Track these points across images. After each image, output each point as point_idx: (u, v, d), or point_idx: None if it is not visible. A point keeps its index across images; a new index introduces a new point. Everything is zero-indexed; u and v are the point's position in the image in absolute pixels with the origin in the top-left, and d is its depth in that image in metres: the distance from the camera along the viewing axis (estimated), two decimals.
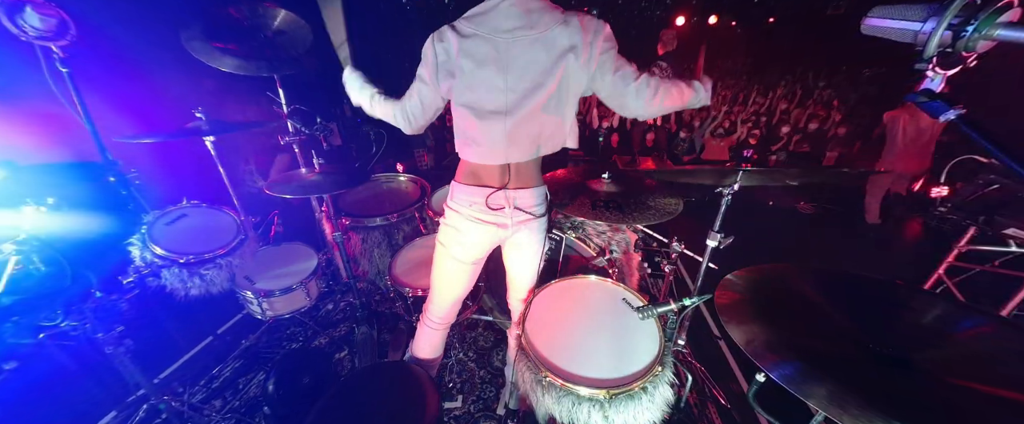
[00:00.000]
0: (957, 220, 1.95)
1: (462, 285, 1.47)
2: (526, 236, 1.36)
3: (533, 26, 1.08)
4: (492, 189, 1.25)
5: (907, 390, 0.75)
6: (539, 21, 1.08)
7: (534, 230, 1.36)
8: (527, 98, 1.13)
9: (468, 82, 1.14)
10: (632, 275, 1.96)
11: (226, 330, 2.37)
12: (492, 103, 1.15)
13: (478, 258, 1.40)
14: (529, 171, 1.29)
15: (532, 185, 1.30)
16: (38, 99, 1.55)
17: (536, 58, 1.10)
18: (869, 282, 1.03)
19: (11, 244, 1.23)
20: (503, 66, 1.11)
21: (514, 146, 1.19)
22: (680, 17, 5.36)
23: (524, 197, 1.29)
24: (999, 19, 0.52)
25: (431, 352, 1.60)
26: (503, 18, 1.09)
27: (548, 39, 1.09)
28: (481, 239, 1.33)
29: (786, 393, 0.74)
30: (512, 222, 1.30)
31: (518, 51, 1.09)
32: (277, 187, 1.66)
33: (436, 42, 1.14)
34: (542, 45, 1.09)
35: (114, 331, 1.39)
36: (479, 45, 1.11)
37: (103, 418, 1.78)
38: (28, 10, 1.28)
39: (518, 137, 1.18)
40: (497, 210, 1.28)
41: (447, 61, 1.15)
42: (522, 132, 1.17)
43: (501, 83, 1.12)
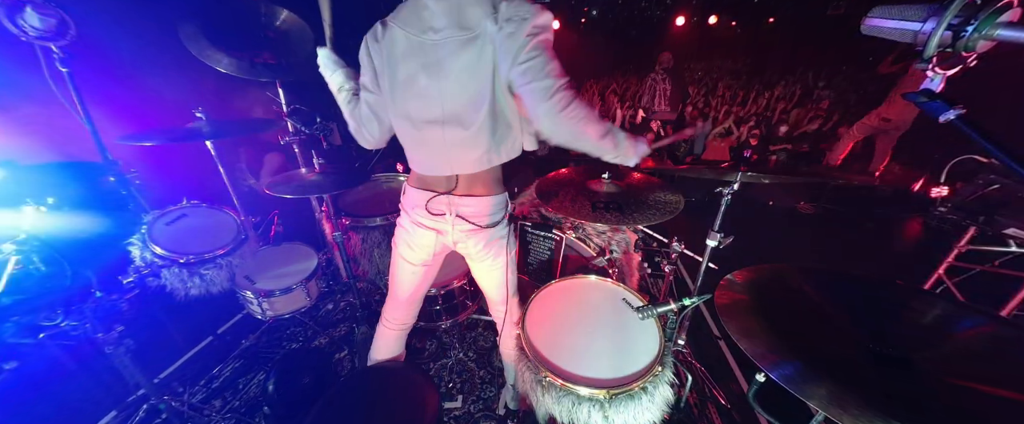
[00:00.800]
0: (957, 220, 1.95)
1: (411, 286, 1.43)
2: (475, 247, 1.28)
3: (463, 26, 0.96)
4: (434, 194, 1.20)
5: (907, 390, 0.75)
6: (469, 18, 0.96)
7: (483, 241, 1.27)
8: (466, 106, 1.03)
9: (401, 89, 1.06)
10: (632, 275, 1.96)
11: (226, 330, 2.37)
12: (427, 112, 1.06)
13: (425, 260, 1.36)
14: (482, 179, 1.20)
15: (482, 193, 1.21)
16: (38, 99, 1.56)
17: (469, 62, 0.99)
18: (869, 282, 1.03)
19: (11, 244, 1.23)
20: (435, 72, 1.01)
21: (457, 158, 1.12)
22: (680, 17, 5.37)
23: (469, 205, 1.21)
24: (999, 19, 0.52)
25: (387, 353, 1.56)
26: (431, 16, 0.98)
27: (480, 39, 0.96)
28: (424, 242, 1.30)
29: (786, 393, 0.74)
30: (453, 230, 1.25)
31: (446, 54, 0.99)
32: (277, 187, 1.66)
33: (370, 42, 1.06)
34: (475, 47, 0.97)
35: (114, 331, 1.39)
36: (408, 47, 1.01)
37: (103, 418, 1.78)
38: (28, 10, 1.28)
39: (459, 148, 1.09)
40: (437, 216, 1.23)
41: (382, 64, 1.06)
42: (464, 142, 1.08)
43: (435, 91, 1.03)
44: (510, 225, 1.36)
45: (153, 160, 2.21)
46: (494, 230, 1.27)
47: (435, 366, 2.10)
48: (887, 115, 3.89)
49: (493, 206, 1.24)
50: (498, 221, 1.27)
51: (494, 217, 1.26)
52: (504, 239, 1.32)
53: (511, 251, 1.36)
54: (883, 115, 3.91)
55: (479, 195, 1.21)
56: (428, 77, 1.02)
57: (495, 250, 1.31)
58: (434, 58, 1.00)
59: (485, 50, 0.97)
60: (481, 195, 1.21)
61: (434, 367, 2.10)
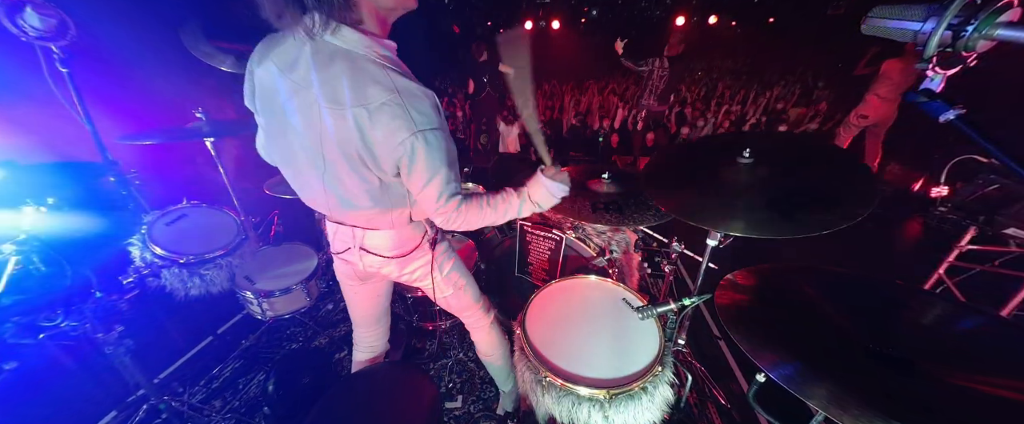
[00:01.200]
0: (957, 220, 1.95)
1: (359, 305, 1.39)
2: (393, 273, 1.22)
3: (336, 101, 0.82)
4: (338, 225, 1.12)
5: (907, 390, 0.75)
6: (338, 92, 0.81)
7: (398, 269, 1.19)
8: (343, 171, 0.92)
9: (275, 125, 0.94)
10: (632, 275, 1.96)
11: (226, 330, 2.37)
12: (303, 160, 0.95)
13: (350, 283, 1.32)
14: None
15: (388, 227, 1.10)
16: (38, 99, 1.55)
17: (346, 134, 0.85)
18: (869, 282, 1.03)
19: (11, 244, 1.23)
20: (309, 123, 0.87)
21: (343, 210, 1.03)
22: (680, 17, 5.37)
23: (373, 238, 1.12)
24: (999, 19, 0.52)
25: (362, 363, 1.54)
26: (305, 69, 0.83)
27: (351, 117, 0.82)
28: (345, 269, 1.26)
29: (786, 393, 0.74)
30: (362, 262, 1.17)
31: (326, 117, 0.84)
32: (277, 187, 1.66)
33: (253, 63, 0.91)
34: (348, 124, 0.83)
35: (114, 331, 1.39)
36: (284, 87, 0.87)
37: (103, 418, 1.78)
38: (28, 10, 1.28)
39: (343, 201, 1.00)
40: (343, 251, 1.17)
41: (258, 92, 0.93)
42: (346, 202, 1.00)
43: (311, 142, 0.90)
44: (439, 246, 1.25)
45: (153, 160, 2.21)
46: (409, 258, 1.18)
47: (435, 366, 2.10)
48: (864, 113, 4.04)
49: (403, 237, 1.14)
50: (412, 249, 1.17)
51: (406, 247, 1.16)
52: (431, 262, 1.22)
53: (448, 266, 1.29)
54: (860, 113, 4.08)
55: (384, 228, 1.11)
56: (305, 125, 0.88)
57: (421, 273, 1.24)
58: (310, 111, 0.86)
59: (355, 137, 0.84)
60: (386, 227, 1.11)
61: (434, 367, 2.10)
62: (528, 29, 8.30)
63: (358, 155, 0.87)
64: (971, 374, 0.76)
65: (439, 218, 1.01)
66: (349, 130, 0.83)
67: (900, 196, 3.98)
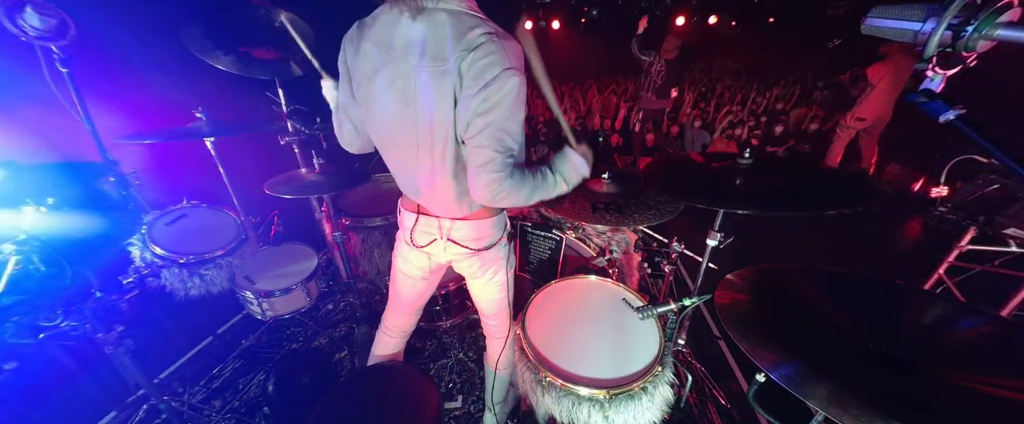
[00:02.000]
0: (957, 220, 1.95)
1: (410, 297, 1.41)
2: (470, 268, 1.24)
3: (438, 57, 0.85)
4: (421, 216, 1.13)
5: (907, 390, 0.75)
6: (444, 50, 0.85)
7: (479, 262, 1.22)
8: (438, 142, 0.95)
9: (375, 108, 0.96)
10: (632, 275, 1.96)
11: (226, 330, 2.37)
12: (402, 138, 0.97)
13: (421, 276, 1.33)
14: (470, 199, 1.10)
15: (475, 216, 1.13)
16: (38, 99, 1.55)
17: (443, 95, 0.88)
18: (869, 282, 1.03)
19: (11, 244, 1.22)
20: (408, 99, 0.91)
21: (431, 193, 1.05)
22: (680, 17, 5.36)
23: (461, 228, 1.13)
24: (999, 19, 0.52)
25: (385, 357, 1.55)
26: (405, 40, 0.87)
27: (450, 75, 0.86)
28: (419, 262, 1.26)
29: (786, 393, 0.74)
30: (445, 253, 1.19)
31: (420, 83, 0.88)
32: (277, 187, 1.66)
33: (347, 48, 0.96)
34: (447, 81, 0.86)
35: (114, 331, 1.39)
36: (381, 66, 0.91)
37: (103, 418, 1.78)
38: (28, 10, 1.28)
39: (432, 184, 1.02)
40: (425, 244, 1.18)
41: (357, 76, 0.96)
42: (436, 180, 1.02)
43: (409, 118, 0.93)
44: (510, 244, 1.29)
45: (153, 160, 2.21)
46: (490, 252, 1.21)
47: (435, 366, 2.10)
48: (861, 115, 4.07)
49: (488, 228, 1.16)
50: (495, 243, 1.20)
51: (491, 239, 1.19)
52: (504, 259, 1.26)
53: (510, 269, 1.31)
54: (857, 115, 4.12)
55: (471, 218, 1.13)
56: (402, 102, 0.92)
57: (493, 269, 1.26)
58: (407, 84, 0.90)
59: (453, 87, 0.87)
60: (473, 218, 1.13)
61: (434, 367, 2.10)
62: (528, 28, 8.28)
63: (451, 119, 0.89)
64: (971, 374, 0.76)
65: (482, 183, 0.91)
66: (448, 87, 0.86)
67: (900, 196, 3.98)
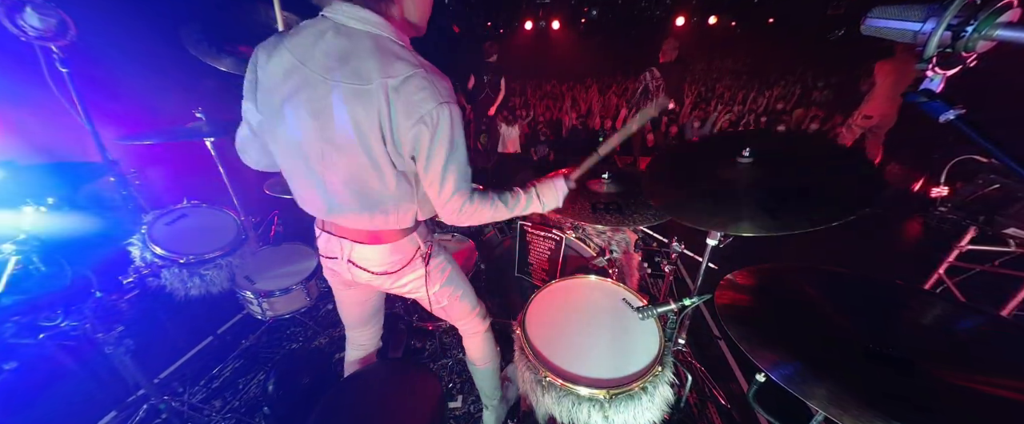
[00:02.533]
0: (957, 220, 1.95)
1: (348, 308, 1.37)
2: (385, 286, 1.18)
3: (359, 74, 0.82)
4: (324, 233, 1.09)
5: (907, 390, 0.75)
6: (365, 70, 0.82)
7: (390, 284, 1.15)
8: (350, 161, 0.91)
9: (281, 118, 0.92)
10: (632, 275, 1.96)
11: (226, 330, 2.37)
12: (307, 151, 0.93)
13: (344, 290, 1.29)
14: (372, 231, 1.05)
15: (376, 240, 1.06)
16: (38, 99, 1.55)
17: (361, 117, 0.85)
18: (869, 282, 1.03)
19: (11, 244, 1.23)
20: (319, 113, 0.87)
21: (338, 206, 1.00)
22: (680, 17, 5.36)
23: (362, 252, 1.08)
24: (999, 19, 0.52)
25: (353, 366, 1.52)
26: (325, 52, 0.85)
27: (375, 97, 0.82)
28: (333, 278, 1.24)
29: (786, 393, 0.74)
30: (353, 276, 1.13)
31: (336, 98, 0.85)
32: (277, 187, 1.66)
33: (260, 54, 0.92)
34: (368, 102, 0.83)
35: (114, 331, 1.39)
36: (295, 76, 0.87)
37: (103, 418, 1.78)
38: (28, 10, 1.28)
39: (339, 198, 0.98)
40: (329, 258, 1.13)
41: (266, 83, 0.91)
42: (346, 199, 0.98)
43: (317, 133, 0.89)
44: (433, 261, 1.19)
45: (153, 160, 2.21)
46: (398, 274, 1.13)
47: (435, 366, 2.10)
48: (868, 113, 4.04)
49: (393, 254, 1.09)
50: (401, 267, 1.12)
51: (396, 264, 1.11)
52: (420, 280, 1.18)
53: (434, 283, 1.22)
54: (864, 113, 4.08)
55: (370, 242, 1.06)
56: (311, 115, 0.87)
57: (409, 289, 1.20)
58: (321, 99, 0.86)
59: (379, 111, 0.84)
60: (373, 242, 1.07)
61: (434, 367, 2.10)
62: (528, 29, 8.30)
63: (376, 136, 0.86)
64: (971, 374, 0.76)
65: (449, 209, 0.98)
66: (370, 107, 0.83)
67: (900, 196, 3.98)
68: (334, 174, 0.94)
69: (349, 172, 0.93)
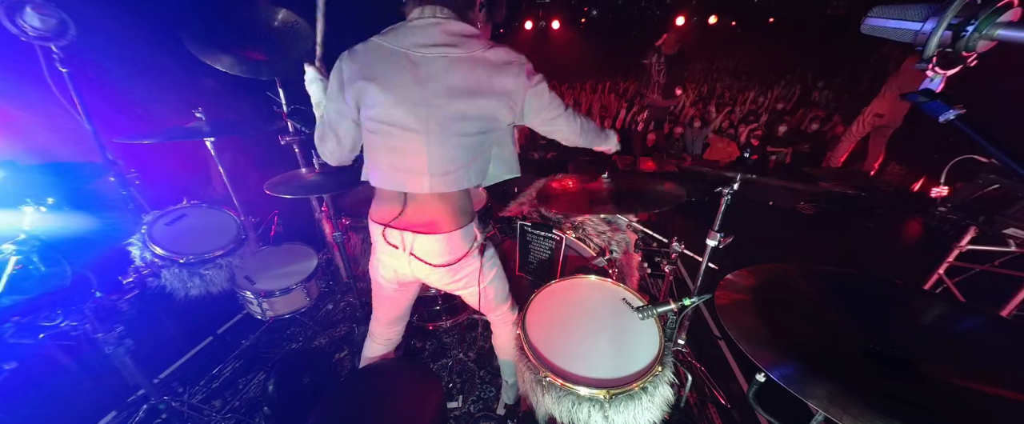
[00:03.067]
0: (957, 220, 1.95)
1: (391, 308, 1.40)
2: (439, 281, 1.23)
3: (457, 45, 0.98)
4: (386, 226, 1.13)
5: (907, 390, 0.75)
6: (465, 43, 0.99)
7: (448, 278, 1.21)
8: (450, 119, 1.01)
9: (380, 97, 1.01)
10: (632, 275, 1.96)
11: (226, 330, 2.37)
12: (408, 121, 1.01)
13: (394, 288, 1.32)
14: (442, 209, 1.11)
15: (442, 229, 1.12)
16: (38, 99, 1.55)
17: (462, 79, 0.99)
18: (869, 282, 1.03)
19: (11, 244, 1.23)
20: (422, 80, 0.98)
21: (433, 173, 1.06)
22: (680, 17, 5.36)
23: (424, 243, 1.13)
24: (999, 19, 0.52)
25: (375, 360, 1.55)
26: (424, 34, 0.99)
27: (474, 64, 0.99)
28: (387, 274, 1.26)
29: (786, 393, 0.74)
30: (410, 266, 1.18)
31: (441, 66, 0.98)
32: (277, 187, 1.66)
33: (346, 58, 1.04)
34: (468, 68, 0.98)
35: (114, 331, 1.39)
36: (393, 57, 0.99)
37: (103, 418, 1.78)
38: (28, 10, 1.28)
39: (437, 161, 1.04)
40: (391, 246, 1.16)
41: (351, 76, 1.02)
42: (441, 156, 1.04)
43: (419, 98, 0.99)
44: (479, 257, 1.24)
45: (153, 160, 2.21)
46: (457, 266, 1.19)
47: (435, 366, 2.10)
48: (879, 111, 4.00)
49: (452, 243, 1.15)
50: (459, 259, 1.18)
51: (454, 254, 1.17)
52: (473, 271, 1.23)
53: (487, 276, 1.28)
54: (875, 111, 4.03)
55: (435, 233, 1.12)
56: (416, 85, 0.98)
57: (463, 282, 1.25)
58: (425, 72, 0.98)
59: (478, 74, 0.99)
60: (438, 233, 1.12)
61: (434, 367, 2.10)
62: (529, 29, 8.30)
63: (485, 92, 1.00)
64: (971, 374, 0.76)
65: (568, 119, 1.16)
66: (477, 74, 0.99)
67: (900, 196, 3.98)
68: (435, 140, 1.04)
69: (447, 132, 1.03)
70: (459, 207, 1.14)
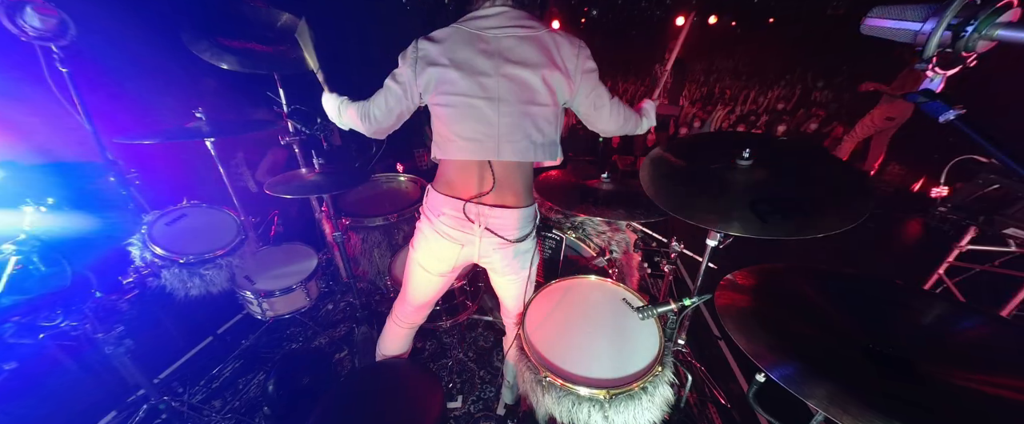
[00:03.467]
0: (957, 220, 1.95)
1: (427, 293, 1.42)
2: (500, 261, 1.27)
3: (524, 27, 1.10)
4: (464, 201, 1.17)
5: (907, 390, 0.75)
6: (531, 24, 1.11)
7: (510, 255, 1.26)
8: (518, 89, 1.10)
9: (454, 73, 1.09)
10: (632, 275, 1.96)
11: (226, 330, 2.37)
12: (481, 91, 1.10)
13: (444, 272, 1.33)
14: (513, 184, 1.19)
15: (513, 204, 1.20)
16: (38, 99, 1.55)
17: (528, 54, 1.09)
18: (869, 282, 1.03)
19: (11, 244, 1.23)
20: (492, 54, 1.09)
21: (504, 140, 1.12)
22: (680, 17, 5.36)
23: (499, 217, 1.19)
24: (999, 19, 0.52)
25: (396, 349, 1.58)
26: (494, 19, 1.10)
27: (540, 41, 1.10)
28: (446, 254, 1.26)
29: (786, 393, 0.74)
30: (480, 243, 1.22)
31: (510, 44, 1.09)
32: (277, 187, 1.66)
33: (420, 40, 1.13)
34: (534, 44, 1.09)
35: (114, 331, 1.39)
36: (469, 38, 1.10)
37: (103, 418, 1.78)
38: (28, 10, 1.27)
39: (507, 129, 1.12)
40: (469, 221, 1.19)
41: (428, 55, 1.11)
42: (511, 124, 1.11)
43: (491, 68, 1.09)
44: (536, 238, 1.33)
45: (153, 160, 2.21)
46: (521, 244, 1.26)
47: (435, 366, 2.10)
48: (891, 114, 3.95)
49: (523, 218, 1.23)
50: (527, 235, 1.26)
51: (523, 230, 1.24)
52: (530, 252, 1.31)
53: (534, 264, 1.35)
54: (887, 114, 3.97)
55: (509, 206, 1.19)
56: (488, 60, 1.08)
57: (520, 264, 1.30)
58: (495, 45, 1.09)
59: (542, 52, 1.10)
60: (511, 207, 1.20)
61: (434, 367, 2.10)
62: None
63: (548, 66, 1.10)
64: (971, 374, 0.76)
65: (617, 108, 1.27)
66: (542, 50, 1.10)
67: (900, 196, 3.98)
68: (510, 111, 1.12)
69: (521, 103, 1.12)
70: (527, 184, 1.23)
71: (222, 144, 1.99)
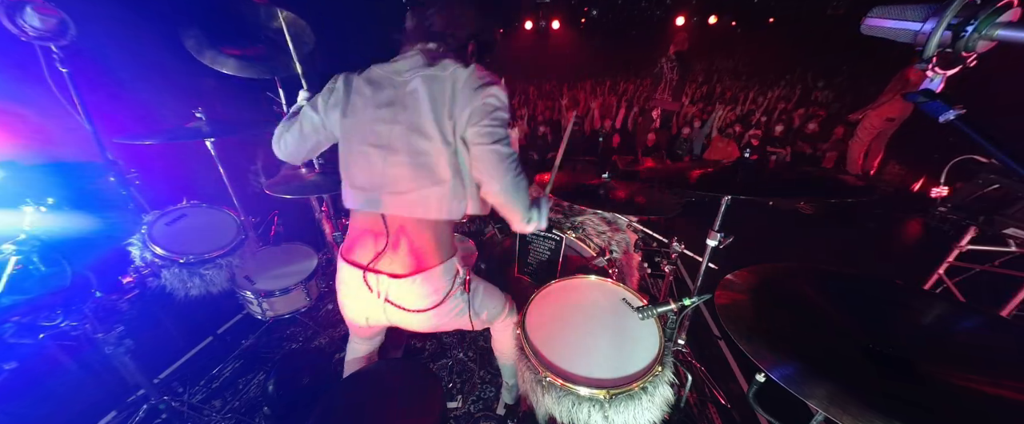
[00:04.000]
0: (957, 220, 1.95)
1: (364, 329, 1.34)
2: (421, 325, 1.17)
3: (434, 67, 1.02)
4: (363, 269, 1.06)
5: (907, 390, 0.75)
6: (442, 65, 1.02)
7: (429, 319, 1.14)
8: (412, 136, 1.00)
9: (357, 115, 1.05)
10: (632, 275, 1.96)
11: (226, 330, 2.37)
12: (373, 136, 1.02)
13: (361, 326, 1.27)
14: (413, 242, 1.05)
15: (414, 269, 1.05)
16: (38, 99, 1.55)
17: (431, 95, 1.00)
18: (869, 282, 1.03)
19: (11, 244, 1.23)
20: (395, 99, 1.02)
21: (387, 191, 1.02)
22: (680, 17, 5.37)
23: (399, 289, 1.07)
24: (999, 19, 0.52)
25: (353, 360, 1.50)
26: (410, 62, 1.04)
27: (446, 79, 1.00)
28: (355, 317, 1.21)
29: (786, 393, 0.74)
30: (386, 316, 1.14)
31: (415, 86, 1.01)
32: (277, 187, 1.66)
33: (340, 78, 1.10)
34: (438, 84, 1.00)
35: (114, 331, 1.39)
36: (380, 79, 1.05)
37: (103, 418, 1.78)
38: (28, 10, 1.28)
39: (392, 179, 1.02)
40: (367, 293, 1.10)
41: (339, 90, 1.08)
42: (397, 175, 1.01)
43: (388, 115, 1.02)
44: (473, 284, 1.22)
45: (153, 160, 2.21)
46: (441, 308, 1.13)
47: (435, 366, 2.10)
48: (891, 115, 3.98)
49: (429, 283, 1.08)
50: (442, 300, 1.12)
51: (433, 298, 1.10)
52: (454, 311, 1.18)
53: (476, 301, 1.24)
54: (887, 116, 3.99)
55: (412, 271, 1.06)
56: (388, 106, 1.02)
57: (447, 320, 1.20)
58: (401, 90, 1.03)
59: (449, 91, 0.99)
60: (409, 273, 1.06)
61: (434, 367, 2.10)
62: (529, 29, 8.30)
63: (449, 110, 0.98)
64: (971, 374, 0.76)
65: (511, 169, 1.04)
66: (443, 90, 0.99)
67: (900, 196, 3.98)
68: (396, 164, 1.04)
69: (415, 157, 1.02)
70: (438, 239, 1.08)
71: (222, 144, 1.99)
